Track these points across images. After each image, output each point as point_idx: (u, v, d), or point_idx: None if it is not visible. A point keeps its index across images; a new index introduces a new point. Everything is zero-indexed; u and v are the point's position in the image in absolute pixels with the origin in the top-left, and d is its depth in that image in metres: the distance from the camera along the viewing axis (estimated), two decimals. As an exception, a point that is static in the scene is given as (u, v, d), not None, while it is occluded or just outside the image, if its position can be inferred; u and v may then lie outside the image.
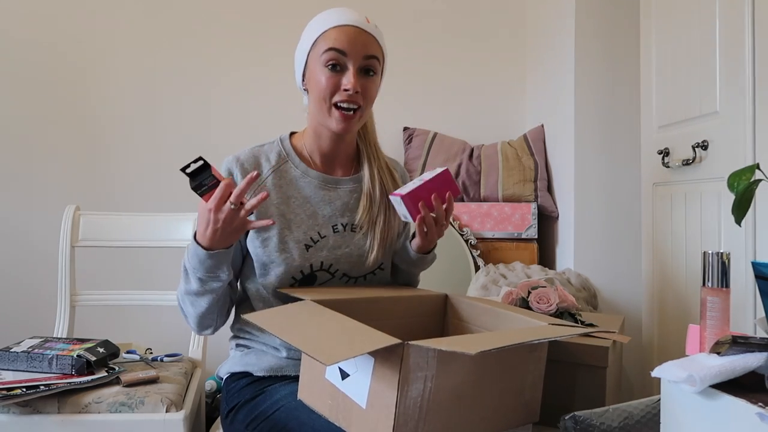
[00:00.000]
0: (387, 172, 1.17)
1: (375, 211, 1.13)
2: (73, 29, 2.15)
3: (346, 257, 1.11)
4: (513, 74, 2.32)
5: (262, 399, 1.02)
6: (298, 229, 1.09)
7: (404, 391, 0.75)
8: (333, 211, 1.12)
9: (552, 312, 1.16)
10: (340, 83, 1.03)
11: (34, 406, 1.19)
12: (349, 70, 1.03)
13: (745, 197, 0.98)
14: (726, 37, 1.43)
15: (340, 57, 1.03)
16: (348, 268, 1.12)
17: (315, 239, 1.09)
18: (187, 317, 1.09)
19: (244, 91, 2.22)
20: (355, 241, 1.13)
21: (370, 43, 1.05)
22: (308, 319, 0.86)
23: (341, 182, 1.15)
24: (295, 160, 1.14)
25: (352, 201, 1.14)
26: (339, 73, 1.04)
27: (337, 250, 1.11)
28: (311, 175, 1.13)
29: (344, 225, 1.12)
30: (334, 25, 1.04)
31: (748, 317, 1.35)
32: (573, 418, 0.85)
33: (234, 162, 1.10)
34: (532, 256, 1.98)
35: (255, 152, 1.13)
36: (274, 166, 1.12)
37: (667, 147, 1.69)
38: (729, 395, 0.67)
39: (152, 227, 1.68)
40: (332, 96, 1.04)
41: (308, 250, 1.08)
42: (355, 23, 1.04)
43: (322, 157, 1.15)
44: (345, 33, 1.03)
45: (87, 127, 2.16)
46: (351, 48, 1.03)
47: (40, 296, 2.00)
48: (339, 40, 1.03)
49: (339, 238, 1.11)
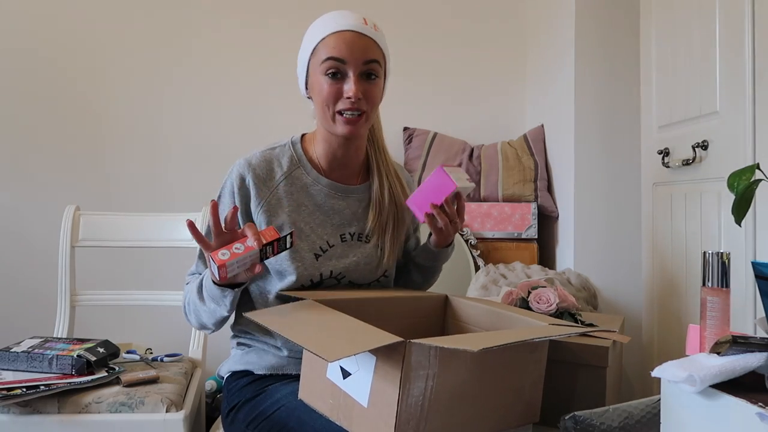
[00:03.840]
0: (396, 179, 1.17)
1: (384, 219, 1.13)
2: (72, 29, 2.15)
3: (354, 266, 1.11)
4: (513, 74, 2.32)
5: (262, 398, 1.02)
6: (308, 238, 1.08)
7: (406, 389, 0.75)
8: (342, 220, 1.12)
9: (552, 312, 1.16)
10: (341, 91, 1.02)
11: (34, 406, 1.19)
12: (349, 77, 1.02)
13: (745, 197, 0.98)
14: (726, 37, 1.43)
15: (340, 65, 1.02)
16: (355, 276, 1.12)
17: (324, 248, 1.09)
18: (188, 317, 1.10)
19: (244, 90, 2.22)
20: (362, 250, 1.12)
21: (370, 47, 1.03)
22: (310, 318, 0.86)
23: (351, 191, 1.14)
24: (306, 167, 1.12)
25: (360, 210, 1.14)
26: (340, 81, 1.02)
27: (344, 259, 1.10)
28: (322, 183, 1.12)
29: (352, 234, 1.12)
30: (332, 32, 1.02)
31: (748, 317, 1.35)
32: (573, 418, 0.85)
33: (246, 167, 1.08)
34: (532, 256, 1.98)
35: (267, 156, 1.10)
36: (286, 172, 1.10)
37: (667, 147, 1.69)
38: (729, 395, 0.67)
39: (152, 227, 1.68)
40: (335, 104, 1.03)
41: (318, 259, 1.08)
42: (352, 28, 1.02)
43: (332, 164, 1.13)
44: (343, 39, 1.02)
45: (87, 127, 2.16)
46: (350, 55, 1.01)
47: (40, 296, 2.00)
48: (337, 47, 1.01)
49: (347, 248, 1.11)
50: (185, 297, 1.10)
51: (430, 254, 1.21)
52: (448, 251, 1.23)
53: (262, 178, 1.08)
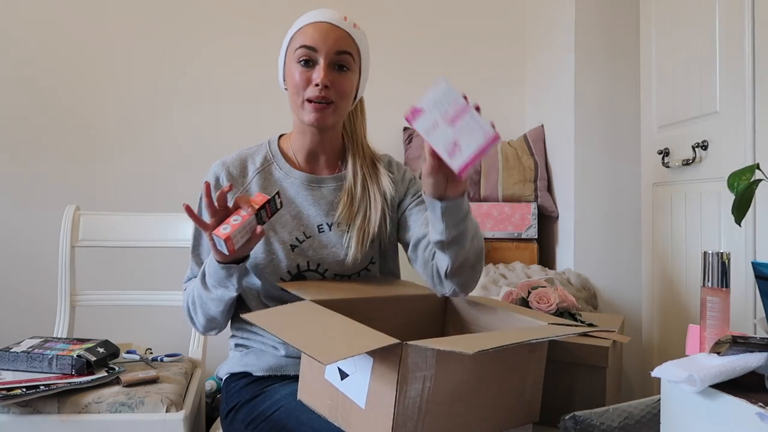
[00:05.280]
0: (371, 167, 1.16)
1: (355, 208, 1.12)
2: (72, 30, 2.15)
3: (333, 257, 1.10)
4: (513, 74, 2.32)
5: (261, 399, 1.02)
6: (282, 230, 1.09)
7: (403, 391, 0.75)
8: (318, 211, 1.12)
9: (552, 312, 1.16)
10: (311, 78, 1.05)
11: (34, 406, 1.19)
12: (319, 64, 1.05)
13: (745, 197, 0.98)
14: (726, 37, 1.43)
15: (311, 53, 1.05)
16: (337, 267, 1.11)
17: (300, 239, 1.10)
18: (194, 318, 1.10)
19: (243, 92, 2.22)
20: (339, 241, 1.11)
21: (342, 38, 1.06)
22: (307, 319, 0.86)
23: (325, 181, 1.15)
24: (279, 162, 1.15)
25: (336, 200, 1.14)
26: (311, 69, 1.05)
27: (323, 250, 1.10)
28: (294, 175, 1.14)
29: (330, 225, 1.12)
30: (309, 22, 1.07)
31: (748, 317, 1.34)
32: (573, 418, 0.85)
33: (221, 166, 1.13)
34: (532, 256, 1.98)
35: (242, 155, 1.15)
36: (259, 168, 1.14)
37: (667, 147, 1.69)
38: (729, 395, 0.67)
39: (152, 227, 1.68)
40: (304, 90, 1.05)
41: (294, 250, 1.09)
42: (329, 20, 1.06)
43: (306, 156, 1.15)
44: (317, 29, 1.05)
45: (87, 127, 2.16)
46: (322, 43, 1.04)
47: (40, 296, 2.00)
48: (311, 36, 1.05)
49: (324, 238, 1.11)
50: (187, 299, 1.10)
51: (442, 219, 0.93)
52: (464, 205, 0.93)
53: (234, 176, 1.12)
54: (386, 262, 1.20)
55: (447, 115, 0.82)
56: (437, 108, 0.83)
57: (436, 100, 0.84)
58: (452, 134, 0.82)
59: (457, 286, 1.02)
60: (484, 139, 0.80)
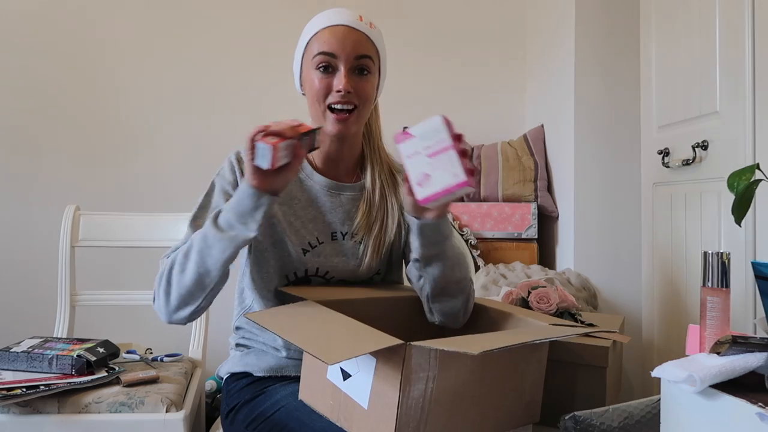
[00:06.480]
0: (389, 176, 1.15)
1: (373, 216, 1.11)
2: (76, 30, 2.15)
3: (343, 265, 1.09)
4: (513, 74, 2.32)
5: (262, 399, 1.02)
6: (297, 233, 1.07)
7: (406, 391, 0.75)
8: (334, 218, 1.10)
9: (552, 312, 1.16)
10: (332, 85, 1.02)
11: (34, 406, 1.19)
12: (340, 70, 1.01)
13: (745, 197, 0.99)
14: (726, 37, 1.43)
15: (331, 59, 1.01)
16: (345, 275, 1.10)
17: (313, 244, 1.07)
18: (171, 283, 0.95)
19: (246, 92, 2.22)
20: (353, 250, 1.10)
21: (362, 41, 1.03)
22: (310, 319, 0.86)
23: (345, 189, 1.12)
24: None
25: (354, 209, 1.12)
26: (331, 75, 1.02)
27: (333, 257, 1.09)
28: (315, 179, 1.11)
29: (344, 234, 1.10)
30: (325, 26, 1.03)
31: (748, 317, 1.35)
32: (573, 418, 0.85)
33: (235, 157, 1.07)
34: (532, 256, 1.98)
35: None
36: None
37: (667, 147, 1.69)
38: (729, 395, 0.67)
39: (152, 227, 1.68)
40: (325, 98, 1.02)
41: (305, 254, 1.06)
42: (345, 23, 1.02)
43: (326, 161, 1.12)
44: (335, 34, 1.02)
45: (87, 127, 2.16)
46: (341, 49, 1.01)
47: (40, 296, 2.00)
48: (329, 41, 1.01)
49: (337, 246, 1.09)
50: (170, 263, 0.95)
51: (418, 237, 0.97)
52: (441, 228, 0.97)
53: None
54: (391, 274, 1.19)
55: (429, 149, 0.88)
56: (423, 139, 0.89)
57: (425, 132, 0.89)
58: (427, 166, 0.88)
59: (442, 315, 1.05)
60: (454, 180, 0.86)
